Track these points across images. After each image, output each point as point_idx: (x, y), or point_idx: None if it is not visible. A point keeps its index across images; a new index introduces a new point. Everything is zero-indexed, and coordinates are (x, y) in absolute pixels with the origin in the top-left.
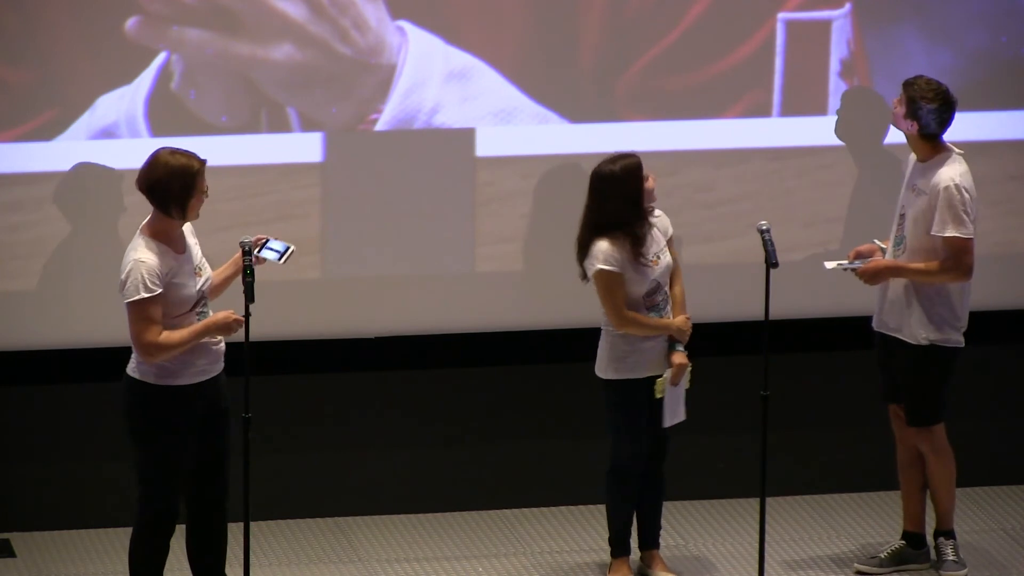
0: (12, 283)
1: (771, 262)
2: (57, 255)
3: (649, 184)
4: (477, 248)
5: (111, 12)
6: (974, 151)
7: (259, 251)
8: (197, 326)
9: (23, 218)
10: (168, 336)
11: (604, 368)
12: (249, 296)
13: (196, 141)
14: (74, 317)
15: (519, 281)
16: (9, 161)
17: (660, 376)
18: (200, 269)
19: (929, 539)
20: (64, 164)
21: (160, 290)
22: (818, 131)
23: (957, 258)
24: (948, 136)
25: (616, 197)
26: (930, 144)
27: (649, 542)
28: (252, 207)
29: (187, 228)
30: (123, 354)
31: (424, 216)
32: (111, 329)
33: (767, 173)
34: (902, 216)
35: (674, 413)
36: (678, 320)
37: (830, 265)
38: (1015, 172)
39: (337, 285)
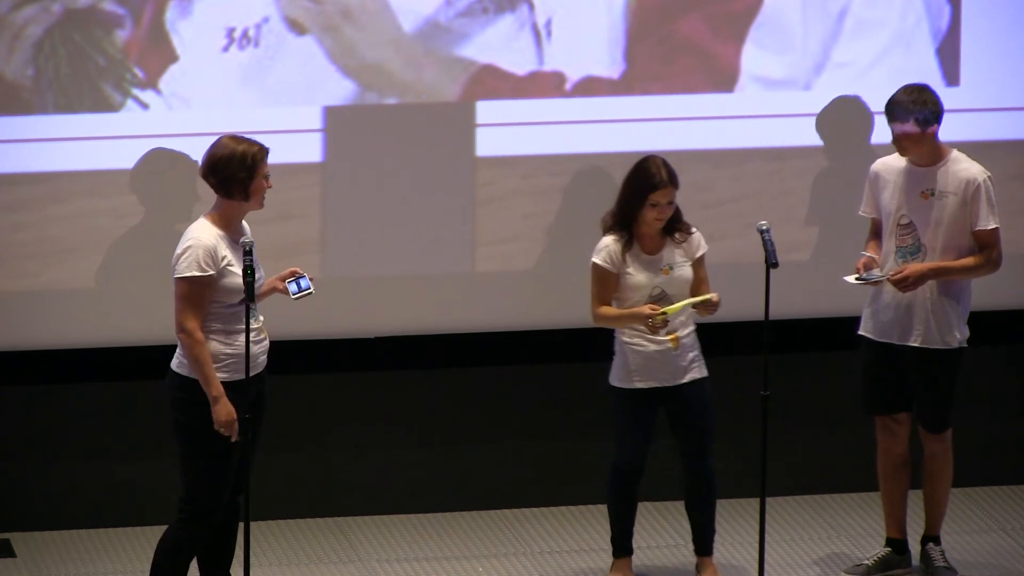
0: (10, 283)
1: (771, 262)
2: (53, 255)
3: (660, 200)
4: (477, 248)
5: None
6: (974, 151)
7: (288, 281)
8: (215, 380)
9: (24, 217)
10: (201, 340)
11: (614, 376)
12: (249, 296)
13: (198, 142)
14: (74, 317)
15: (519, 281)
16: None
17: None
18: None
19: (913, 545)
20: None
21: (212, 272)
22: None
23: (996, 248)
24: (947, 136)
25: (623, 190)
26: (937, 145)
27: (700, 548)
28: None
29: (244, 225)
30: (124, 354)
31: (424, 216)
32: (113, 329)
33: (767, 173)
34: (908, 224)
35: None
36: (643, 308)
37: (851, 280)
38: (1015, 172)
39: (337, 285)
